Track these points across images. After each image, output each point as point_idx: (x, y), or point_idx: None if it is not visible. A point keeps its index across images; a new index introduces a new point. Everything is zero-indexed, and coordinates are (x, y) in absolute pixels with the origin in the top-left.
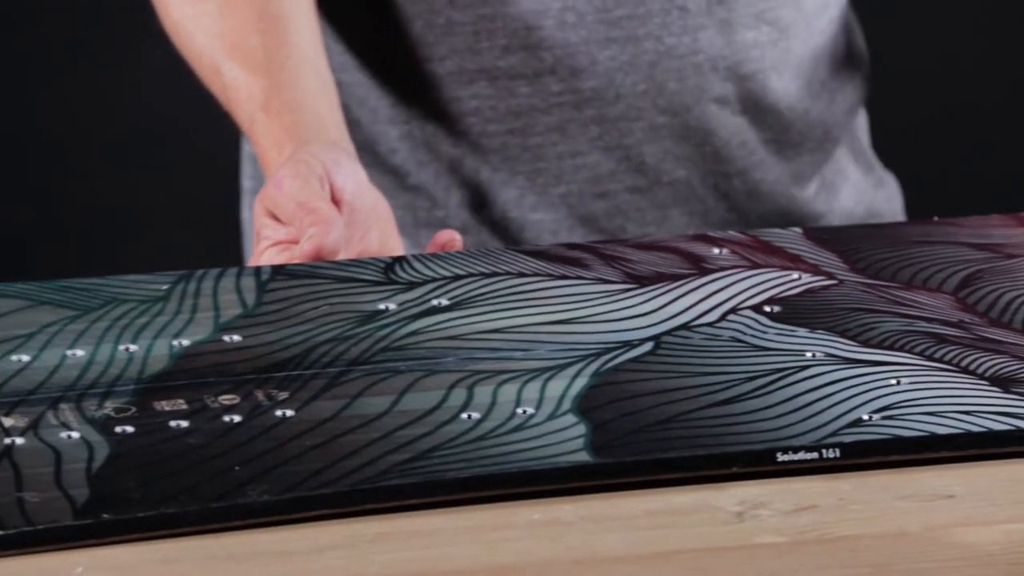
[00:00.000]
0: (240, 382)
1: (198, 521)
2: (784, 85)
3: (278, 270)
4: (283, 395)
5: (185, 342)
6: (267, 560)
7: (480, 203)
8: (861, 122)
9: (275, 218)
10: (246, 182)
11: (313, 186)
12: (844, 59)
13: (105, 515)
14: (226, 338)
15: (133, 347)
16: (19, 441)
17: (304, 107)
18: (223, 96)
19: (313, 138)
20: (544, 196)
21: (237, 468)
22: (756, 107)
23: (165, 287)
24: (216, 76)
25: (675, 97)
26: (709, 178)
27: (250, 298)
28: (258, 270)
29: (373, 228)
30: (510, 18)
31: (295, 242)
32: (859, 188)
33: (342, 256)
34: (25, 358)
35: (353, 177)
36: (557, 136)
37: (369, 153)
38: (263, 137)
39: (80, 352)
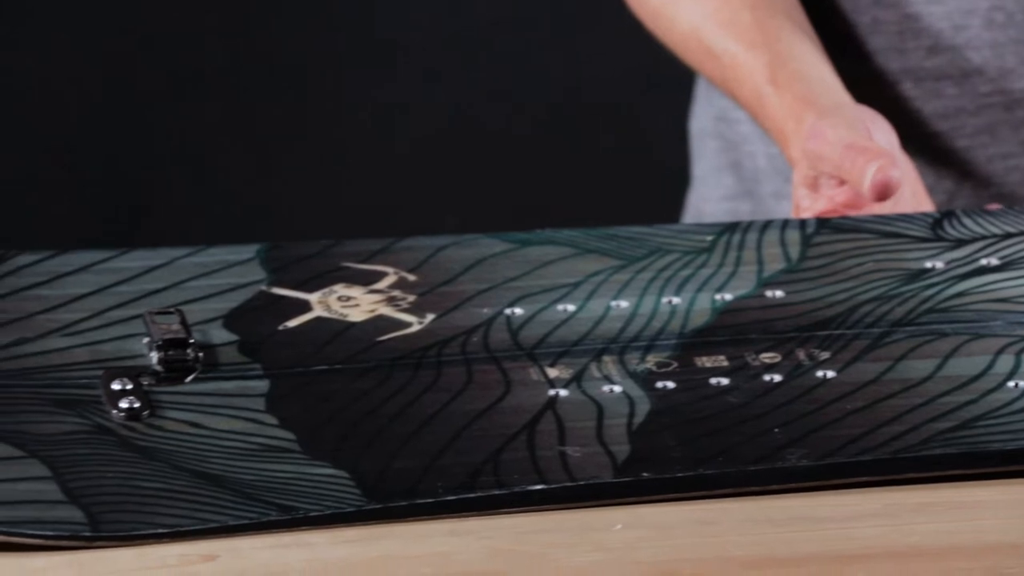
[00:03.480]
0: (781, 340)
1: (736, 483)
2: None
3: (823, 223)
4: (824, 355)
5: (728, 296)
6: (804, 525)
7: None
8: None
9: (813, 188)
10: (700, 170)
11: (859, 130)
12: None
13: (645, 473)
14: (768, 293)
15: (676, 300)
16: (563, 393)
17: (811, 76)
18: (719, 76)
19: (834, 105)
20: (974, 199)
21: (777, 431)
22: None
23: (710, 238)
24: (709, 58)
25: None
26: None
27: (794, 252)
28: (803, 223)
29: (907, 187)
30: (936, 17)
31: (833, 212)
32: None
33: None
34: (571, 308)
35: (888, 137)
36: (987, 138)
37: None
38: (776, 110)
39: (624, 303)
